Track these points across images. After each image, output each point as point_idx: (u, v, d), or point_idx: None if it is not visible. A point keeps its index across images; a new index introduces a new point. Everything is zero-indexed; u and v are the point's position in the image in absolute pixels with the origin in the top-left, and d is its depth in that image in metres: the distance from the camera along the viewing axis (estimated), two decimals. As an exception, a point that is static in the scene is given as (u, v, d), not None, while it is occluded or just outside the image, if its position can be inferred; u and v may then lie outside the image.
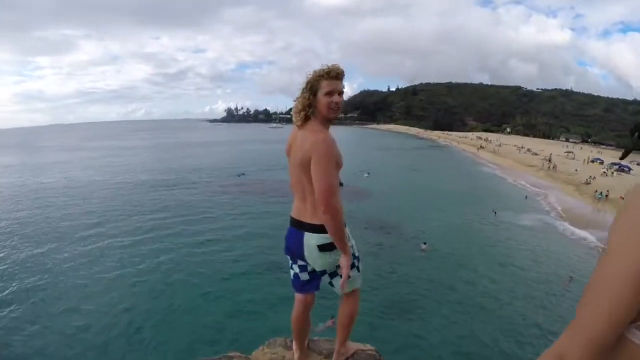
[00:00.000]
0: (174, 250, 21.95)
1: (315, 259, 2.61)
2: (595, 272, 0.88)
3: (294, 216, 2.68)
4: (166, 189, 39.12)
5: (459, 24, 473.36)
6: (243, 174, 46.66)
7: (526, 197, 38.84)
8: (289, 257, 2.79)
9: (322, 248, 2.56)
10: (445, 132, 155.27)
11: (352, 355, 3.01)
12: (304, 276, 2.77)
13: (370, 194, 36.93)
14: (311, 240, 2.57)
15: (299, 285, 2.81)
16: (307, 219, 2.59)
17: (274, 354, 3.09)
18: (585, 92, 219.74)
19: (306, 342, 3.05)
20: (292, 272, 2.81)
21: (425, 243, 23.13)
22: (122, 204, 32.97)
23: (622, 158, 1.34)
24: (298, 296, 2.86)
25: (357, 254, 2.73)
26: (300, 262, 2.72)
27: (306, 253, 2.61)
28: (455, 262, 21.43)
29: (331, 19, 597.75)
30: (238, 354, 3.11)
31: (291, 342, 3.05)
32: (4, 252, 21.98)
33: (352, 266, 2.61)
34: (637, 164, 56.89)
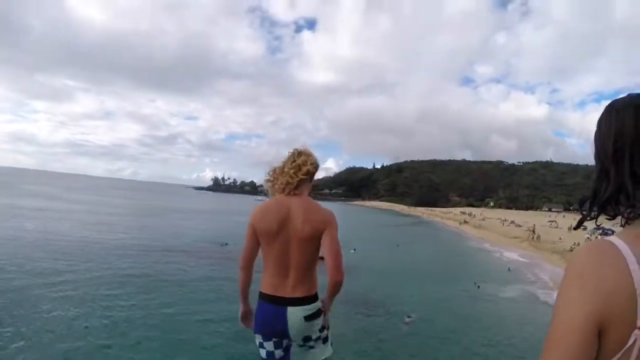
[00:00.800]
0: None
1: (300, 331, 2.62)
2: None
3: (269, 292, 2.64)
4: (146, 252, 37.28)
5: (442, 103, 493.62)
6: (226, 244, 45.31)
7: (509, 269, 37.70)
8: (260, 336, 2.71)
9: (308, 318, 2.60)
10: (429, 208, 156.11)
11: None
12: (279, 353, 2.73)
13: (355, 270, 35.67)
14: (297, 314, 2.58)
15: None
16: (287, 293, 2.59)
17: None
18: (565, 162, 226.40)
19: None
20: (263, 351, 2.73)
21: (409, 316, 22.20)
22: (99, 262, 31.09)
23: (575, 228, 1.44)
24: None
25: (328, 324, 2.80)
26: (274, 339, 2.68)
27: (290, 327, 2.60)
28: (438, 335, 20.56)
29: (321, 97, 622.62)
30: None
31: None
32: None
33: (326, 336, 2.79)
34: (620, 226, 56.53)
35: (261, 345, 2.72)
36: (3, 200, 74.99)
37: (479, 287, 29.93)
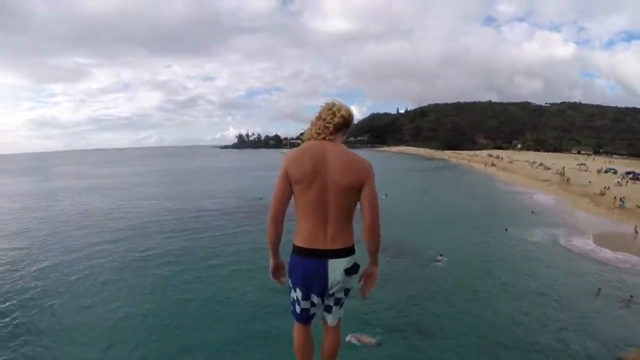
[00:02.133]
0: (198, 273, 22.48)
1: (340, 284, 2.60)
2: None
3: (306, 246, 2.56)
4: (184, 215, 39.47)
5: (464, 44, 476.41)
6: (261, 198, 47.24)
7: (532, 211, 38.82)
8: (300, 293, 2.66)
9: (349, 271, 2.58)
10: (456, 152, 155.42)
11: None
12: (314, 310, 2.73)
13: (386, 215, 37.20)
14: (338, 266, 2.54)
15: (306, 317, 2.75)
16: (327, 245, 2.52)
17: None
18: (594, 103, 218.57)
19: None
20: (298, 307, 2.72)
21: (441, 255, 24.51)
22: (143, 230, 33.44)
23: None
24: (302, 326, 2.82)
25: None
26: (313, 297, 2.65)
27: (332, 280, 2.57)
28: (469, 273, 22.57)
29: (337, 45, 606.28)
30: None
31: None
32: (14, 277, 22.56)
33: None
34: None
35: (297, 302, 2.71)
36: (36, 184, 79.02)
37: (506, 230, 31.45)
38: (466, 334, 15.20)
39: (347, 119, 2.61)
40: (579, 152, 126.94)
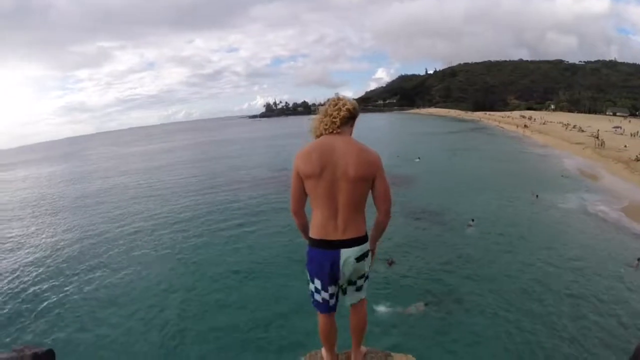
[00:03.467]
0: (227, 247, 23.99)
1: (352, 272, 2.80)
2: None
3: (319, 237, 2.76)
4: (217, 190, 41.06)
5: (492, 0, 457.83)
6: (286, 169, 48.34)
7: (562, 175, 39.20)
8: (319, 283, 2.84)
9: (359, 259, 2.78)
10: (487, 113, 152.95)
11: (364, 355, 3.19)
12: (332, 301, 2.92)
13: (418, 179, 38.67)
14: (350, 255, 2.73)
15: (326, 307, 2.92)
16: (339, 236, 2.70)
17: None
18: (630, 61, 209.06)
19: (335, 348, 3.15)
20: (319, 296, 2.88)
21: (472, 220, 25.27)
22: (186, 204, 35.64)
23: None
24: (325, 315, 2.98)
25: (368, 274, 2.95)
26: (331, 288, 2.84)
27: (344, 269, 2.76)
28: (500, 239, 23.09)
29: (361, 7, 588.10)
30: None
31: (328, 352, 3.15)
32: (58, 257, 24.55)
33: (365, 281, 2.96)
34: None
35: (317, 292, 2.86)
36: (73, 168, 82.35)
37: (537, 196, 31.79)
38: (500, 303, 15.57)
39: (353, 112, 2.82)
40: (614, 114, 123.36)
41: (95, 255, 23.83)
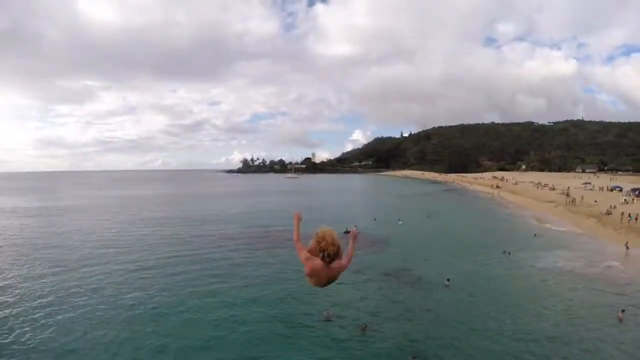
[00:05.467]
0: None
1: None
2: None
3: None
4: (192, 239, 38.93)
5: (465, 66, 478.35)
6: (268, 227, 47.24)
7: (535, 235, 38.57)
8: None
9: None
10: (461, 175, 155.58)
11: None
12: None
13: (397, 241, 37.70)
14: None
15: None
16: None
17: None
18: (596, 119, 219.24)
19: None
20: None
21: (448, 280, 24.55)
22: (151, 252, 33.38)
23: None
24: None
25: None
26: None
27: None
28: (474, 295, 22.76)
29: (341, 70, 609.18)
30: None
31: None
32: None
33: None
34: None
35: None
36: (47, 203, 79.86)
37: (509, 254, 31.18)
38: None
39: (330, 253, 3.72)
40: (583, 171, 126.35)
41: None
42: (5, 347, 16.36)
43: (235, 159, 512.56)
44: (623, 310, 18.62)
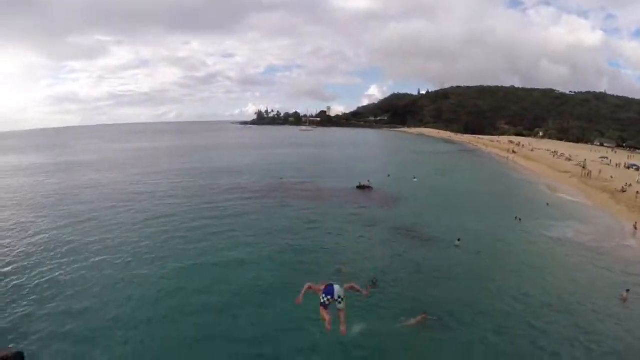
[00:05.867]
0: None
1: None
2: None
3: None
4: (209, 192, 41.20)
5: (488, 26, 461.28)
6: (281, 179, 48.50)
7: (547, 204, 38.86)
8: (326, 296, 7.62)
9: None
10: (477, 136, 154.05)
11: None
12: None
13: (410, 199, 38.76)
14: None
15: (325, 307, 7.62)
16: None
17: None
18: (619, 94, 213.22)
19: None
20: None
21: (459, 239, 25.94)
22: (174, 203, 35.32)
23: None
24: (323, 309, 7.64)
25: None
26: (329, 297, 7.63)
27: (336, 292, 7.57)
28: (483, 255, 24.22)
29: (359, 24, 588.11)
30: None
31: None
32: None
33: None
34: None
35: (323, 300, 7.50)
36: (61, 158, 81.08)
37: (520, 220, 32.04)
38: (485, 319, 16.35)
39: None
40: (602, 145, 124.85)
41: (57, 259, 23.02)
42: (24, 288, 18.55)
43: (250, 111, 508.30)
44: (628, 290, 19.11)
